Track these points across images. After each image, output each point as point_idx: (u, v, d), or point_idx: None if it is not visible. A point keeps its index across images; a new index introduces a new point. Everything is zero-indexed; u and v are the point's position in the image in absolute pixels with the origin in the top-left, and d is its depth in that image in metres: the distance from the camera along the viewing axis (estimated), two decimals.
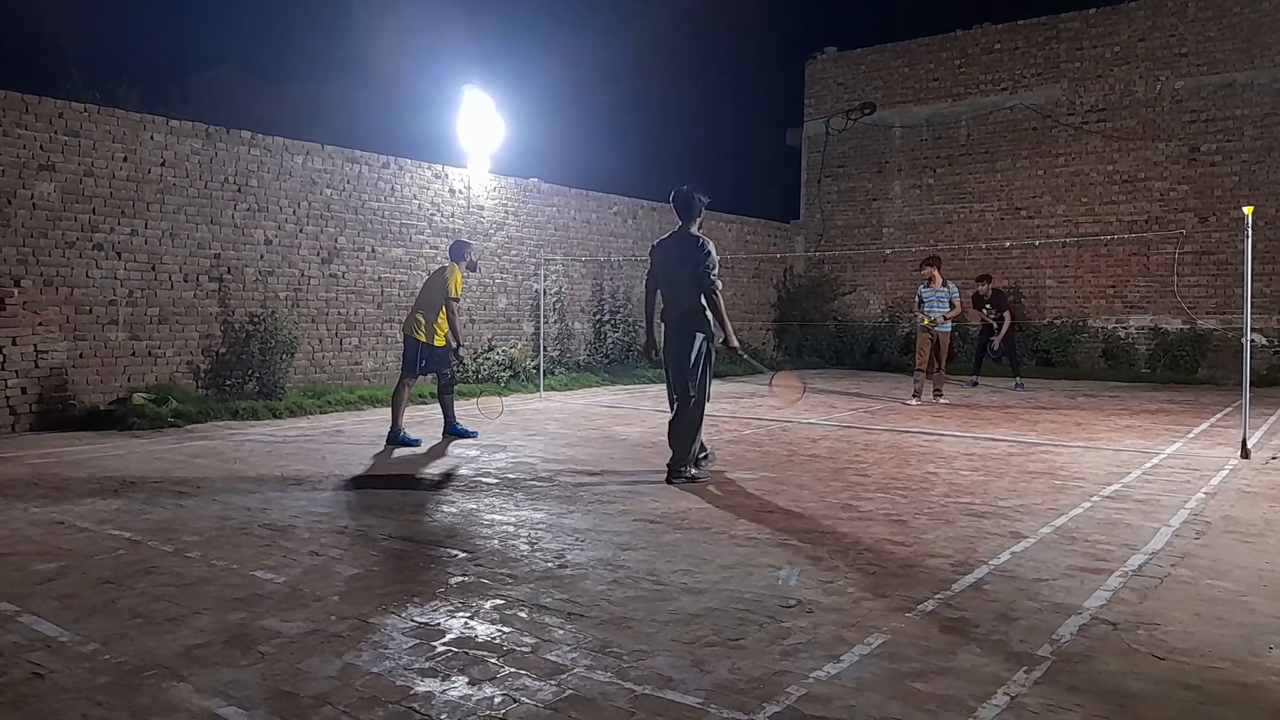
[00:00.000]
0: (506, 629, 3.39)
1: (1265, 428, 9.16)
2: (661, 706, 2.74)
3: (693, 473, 6.36)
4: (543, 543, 4.64)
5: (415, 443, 7.96)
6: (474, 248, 9.85)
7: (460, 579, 4.02)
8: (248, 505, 5.47)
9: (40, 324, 8.88)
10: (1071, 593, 3.84)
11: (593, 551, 4.47)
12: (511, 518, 5.20)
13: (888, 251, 18.92)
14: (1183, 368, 15.50)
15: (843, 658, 3.11)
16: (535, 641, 3.26)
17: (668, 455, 6.58)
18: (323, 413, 10.18)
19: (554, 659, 3.10)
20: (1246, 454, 7.29)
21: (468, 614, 3.55)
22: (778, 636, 3.31)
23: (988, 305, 14.15)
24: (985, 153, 18.10)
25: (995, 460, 7.28)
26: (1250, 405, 7.71)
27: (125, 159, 9.59)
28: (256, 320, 10.42)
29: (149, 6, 36.72)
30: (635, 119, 33.01)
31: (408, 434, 8.05)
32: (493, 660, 3.09)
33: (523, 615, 3.54)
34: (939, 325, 11.65)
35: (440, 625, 3.42)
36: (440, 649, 3.19)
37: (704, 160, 31.80)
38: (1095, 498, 5.81)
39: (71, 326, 9.16)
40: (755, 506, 5.52)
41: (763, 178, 27.51)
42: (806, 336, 18.97)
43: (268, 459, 7.16)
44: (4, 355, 8.58)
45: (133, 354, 9.66)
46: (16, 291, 8.71)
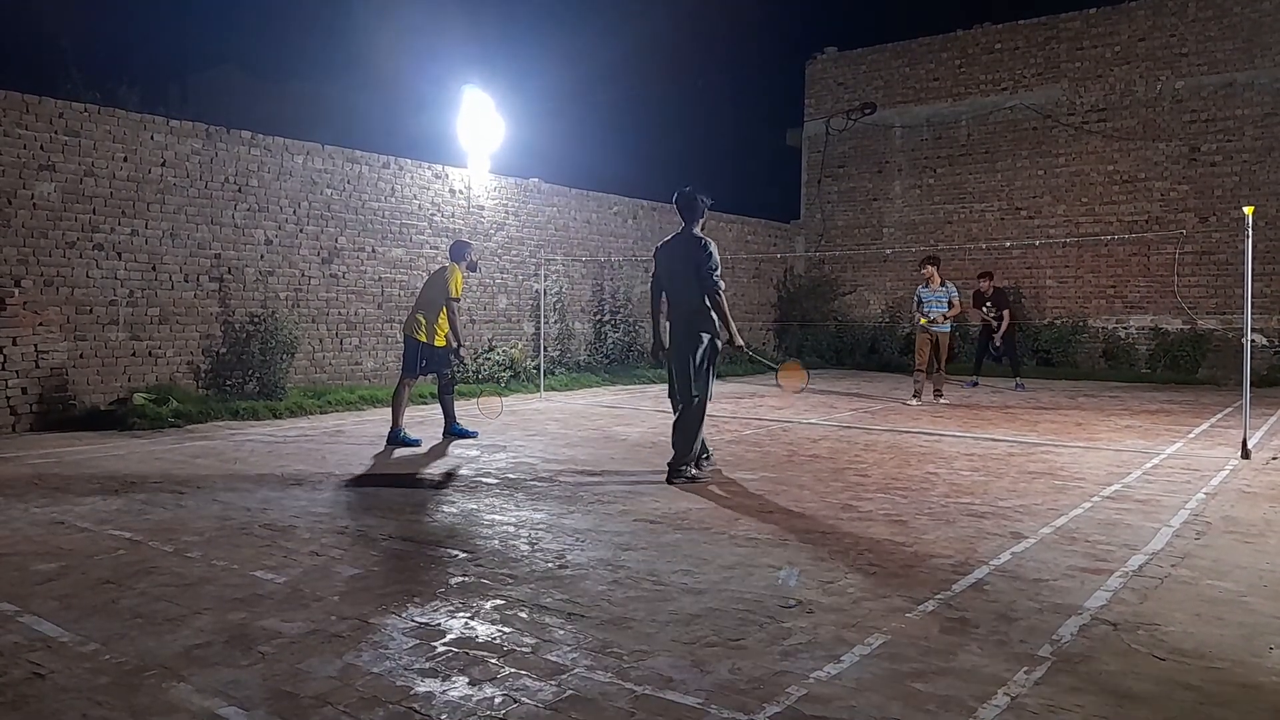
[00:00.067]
0: (507, 629, 3.39)
1: (1265, 428, 9.16)
2: (662, 707, 2.74)
3: (693, 473, 6.36)
4: (543, 543, 4.64)
5: (416, 443, 7.96)
6: (474, 248, 9.85)
7: (461, 579, 4.03)
8: (248, 505, 5.47)
9: (41, 324, 8.88)
10: (1072, 593, 3.84)
11: (593, 552, 4.47)
12: (512, 518, 5.21)
13: (888, 252, 18.92)
14: (1183, 368, 15.50)
15: (843, 658, 3.12)
16: (536, 642, 3.26)
17: (667, 456, 6.59)
18: (323, 413, 10.18)
19: (554, 659, 3.10)
20: (1247, 454, 7.29)
21: (468, 614, 3.55)
22: (778, 637, 3.31)
23: (988, 303, 14.12)
24: (985, 153, 18.10)
25: (995, 460, 7.28)
26: (1250, 405, 7.71)
27: (125, 159, 9.59)
28: (257, 320, 10.42)
29: (149, 6, 36.76)
30: (635, 119, 33.01)
31: (408, 434, 8.05)
32: (493, 660, 3.09)
33: (523, 615, 3.54)
34: (938, 325, 11.65)
35: (441, 625, 3.42)
36: (441, 649, 3.19)
37: (704, 160, 31.81)
38: (1095, 498, 5.81)
39: (72, 326, 9.16)
40: (756, 507, 5.52)
41: (763, 178, 27.52)
42: (807, 337, 18.97)
43: (268, 459, 7.17)
44: (4, 355, 8.58)
45: (133, 354, 9.66)
46: (17, 291, 8.72)
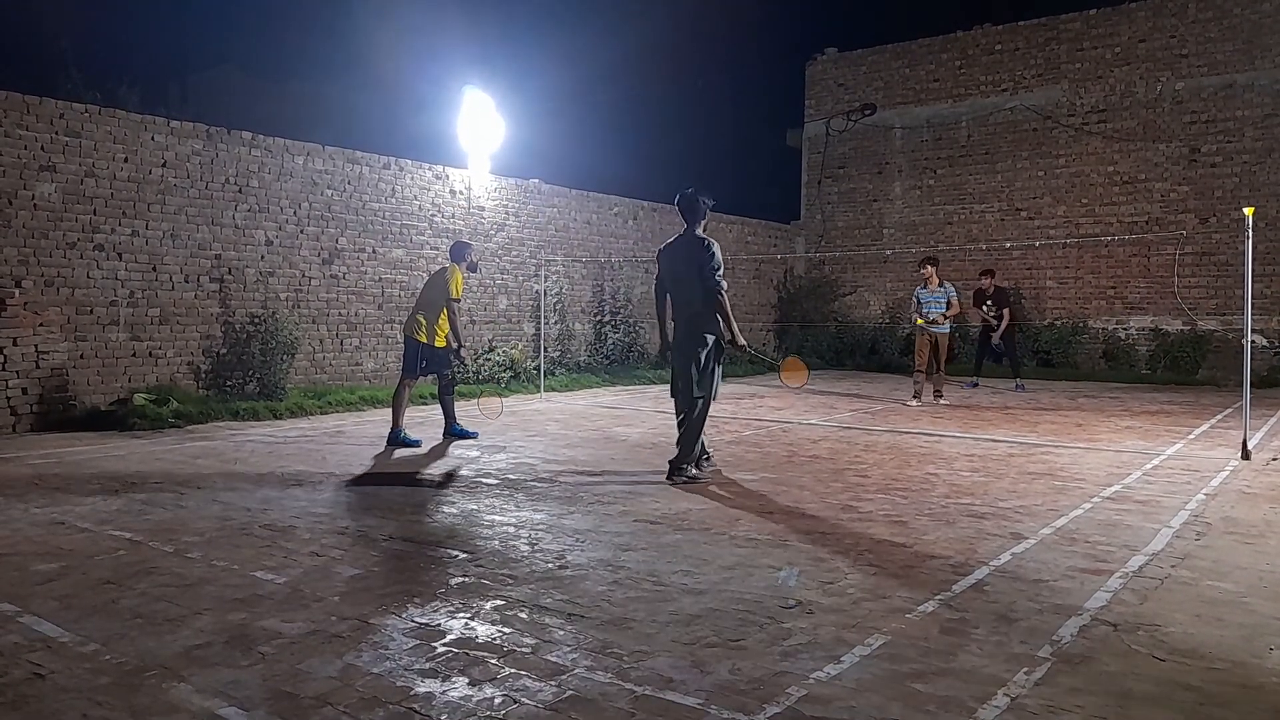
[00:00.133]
0: (507, 630, 3.39)
1: (1266, 429, 9.16)
2: (662, 707, 2.74)
3: (693, 472, 6.36)
4: (543, 543, 4.64)
5: (416, 443, 7.96)
6: (474, 248, 9.86)
7: (461, 580, 4.03)
8: (248, 506, 5.48)
9: (41, 324, 8.88)
10: (1072, 594, 3.84)
11: (593, 552, 4.47)
12: (512, 518, 5.21)
13: (888, 252, 18.92)
14: (1183, 369, 15.49)
15: (843, 659, 3.12)
16: (536, 642, 3.26)
17: (667, 456, 6.59)
18: (323, 413, 10.18)
19: (554, 660, 3.10)
20: (1247, 455, 7.29)
21: (468, 615, 3.55)
22: (778, 637, 3.32)
23: (989, 301, 14.09)
24: (986, 154, 18.10)
25: (995, 461, 7.28)
26: (1251, 406, 7.71)
27: (126, 160, 9.60)
28: (257, 321, 10.42)
29: (149, 6, 36.78)
30: (635, 119, 33.04)
31: (408, 435, 8.06)
32: (493, 661, 3.09)
33: (523, 616, 3.54)
34: (937, 326, 11.64)
35: (441, 626, 3.42)
36: (441, 650, 3.19)
37: (704, 161, 31.84)
38: (1096, 499, 5.81)
39: (72, 327, 9.16)
40: (756, 507, 5.52)
41: (763, 178, 27.54)
42: (807, 337, 18.95)
43: (268, 460, 7.17)
44: (5, 356, 8.58)
45: (133, 354, 9.67)
46: (18, 292, 8.72)
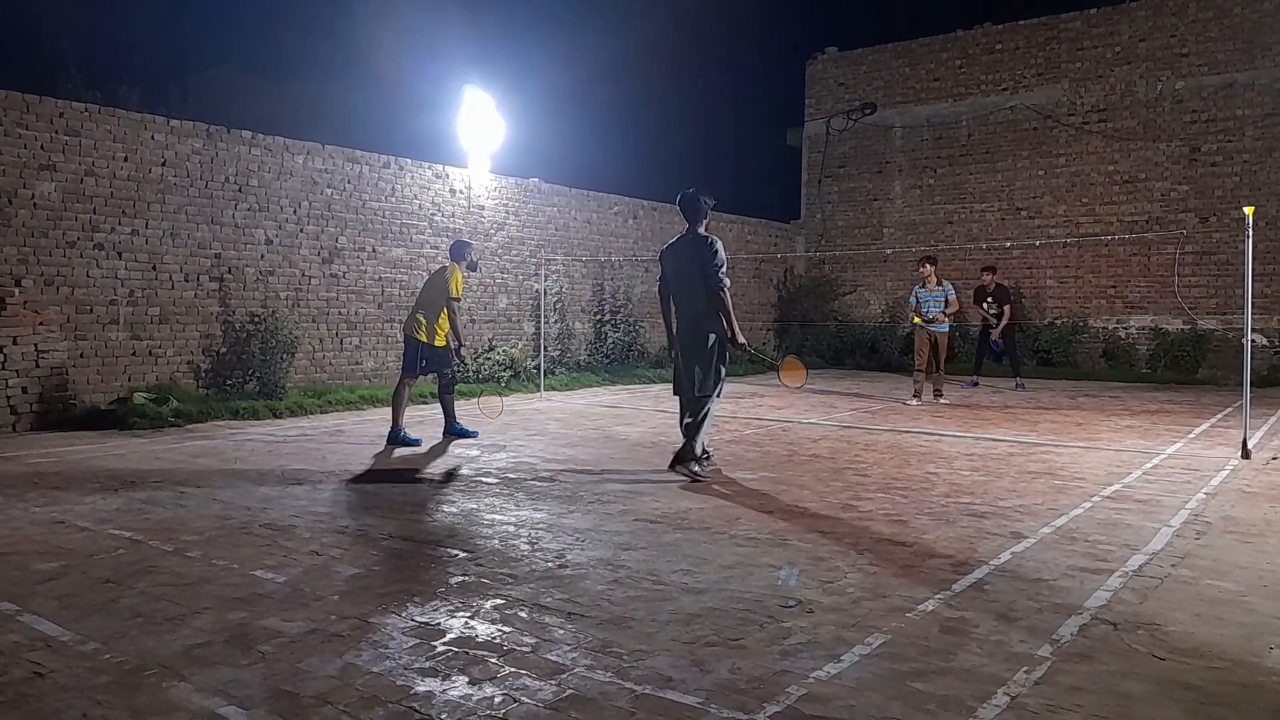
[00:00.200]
0: (507, 629, 3.39)
1: (1266, 428, 9.16)
2: (662, 706, 2.74)
3: (695, 469, 6.36)
4: (543, 542, 4.64)
5: (416, 442, 7.96)
6: (474, 248, 9.85)
7: (461, 579, 4.02)
8: (248, 505, 5.48)
9: (41, 323, 8.88)
10: (1072, 593, 3.84)
11: (593, 551, 4.47)
12: (512, 517, 5.21)
13: (888, 252, 18.92)
14: (1183, 368, 15.50)
15: (843, 658, 3.12)
16: (535, 641, 3.26)
17: (668, 456, 6.59)
18: (323, 412, 10.18)
19: (554, 659, 3.10)
20: (1247, 454, 7.29)
21: (468, 614, 3.55)
22: (778, 636, 3.31)
23: (989, 298, 14.08)
24: (986, 153, 18.09)
25: (995, 460, 7.28)
26: (1251, 405, 7.71)
27: (126, 159, 9.60)
28: (257, 320, 10.42)
29: (149, 6, 36.79)
30: (635, 119, 33.06)
31: (408, 434, 8.06)
32: (493, 660, 3.09)
33: (523, 615, 3.54)
34: (937, 325, 11.63)
35: (440, 625, 3.42)
36: (440, 649, 3.19)
37: (704, 160, 31.84)
38: (1096, 498, 5.81)
39: (72, 326, 9.16)
40: (756, 507, 5.52)
41: (763, 178, 27.55)
42: (807, 337, 18.96)
43: (268, 458, 7.17)
44: (5, 355, 8.58)
45: (133, 354, 9.67)
46: (17, 291, 8.72)
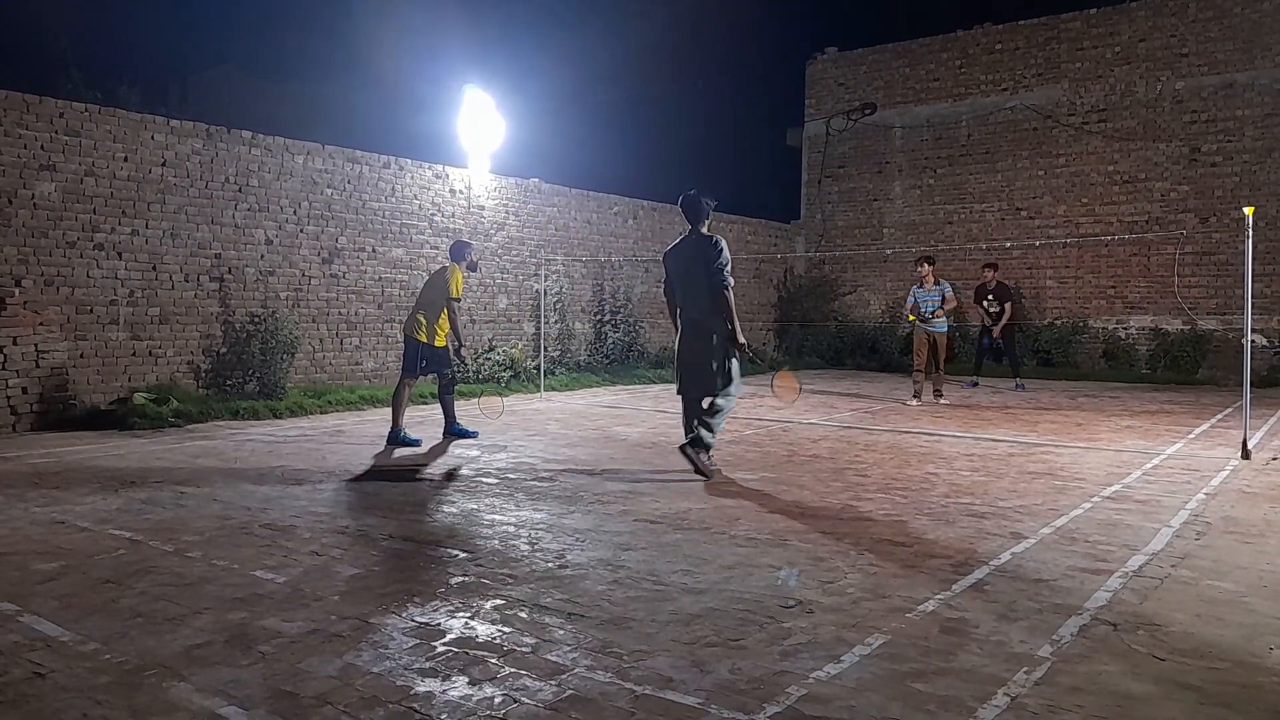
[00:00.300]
0: (507, 629, 3.39)
1: (1266, 428, 9.16)
2: (662, 707, 2.74)
3: (702, 459, 6.36)
4: (543, 543, 4.64)
5: (416, 443, 7.96)
6: (474, 248, 9.84)
7: (461, 579, 4.03)
8: (248, 505, 5.48)
9: (41, 324, 8.88)
10: (1072, 593, 3.84)
11: (593, 552, 4.47)
12: (512, 518, 5.21)
13: (888, 252, 18.92)
14: (1183, 368, 15.49)
15: (843, 658, 3.12)
16: (536, 642, 3.26)
17: (668, 456, 6.58)
18: (323, 413, 10.18)
19: (554, 659, 3.10)
20: (1247, 455, 7.29)
21: (468, 614, 3.55)
22: (778, 637, 3.31)
23: (990, 296, 14.05)
24: (986, 153, 18.10)
25: (995, 461, 7.28)
26: (1251, 406, 7.71)
27: (126, 159, 9.60)
28: (257, 320, 10.42)
29: (149, 6, 36.79)
30: (635, 119, 33.08)
31: (408, 434, 8.06)
32: (493, 660, 3.09)
33: (523, 615, 3.54)
34: (935, 322, 11.61)
35: (441, 625, 3.42)
36: (441, 649, 3.19)
37: (704, 160, 31.85)
38: (1096, 498, 5.81)
39: (72, 326, 9.16)
40: (756, 507, 5.52)
41: (763, 178, 27.57)
42: (807, 337, 18.97)
43: (268, 459, 7.17)
44: (5, 355, 8.58)
45: (133, 354, 9.67)
46: (17, 291, 8.72)
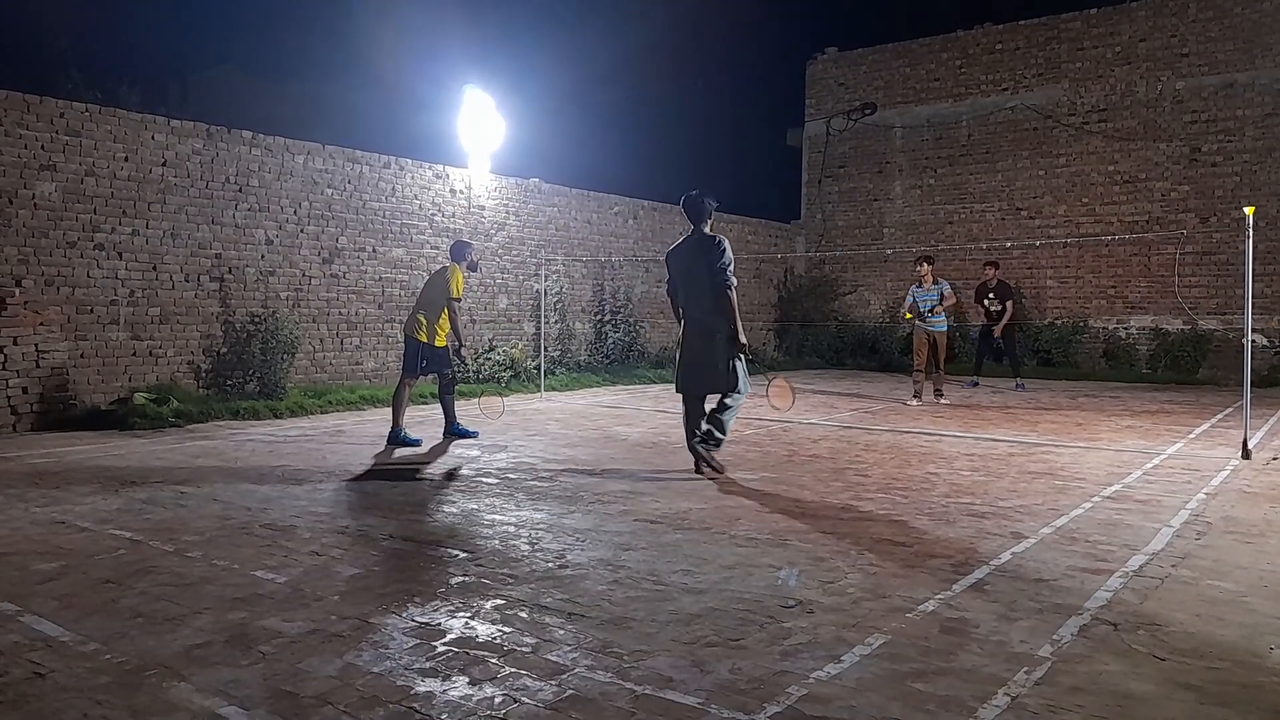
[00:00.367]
0: (507, 629, 3.39)
1: (1266, 428, 9.16)
2: (662, 707, 2.74)
3: (712, 454, 6.40)
4: (543, 543, 4.64)
5: (416, 443, 7.96)
6: (475, 248, 9.85)
7: (461, 579, 4.02)
8: (248, 505, 5.48)
9: (41, 324, 8.88)
10: (1072, 593, 3.83)
11: (593, 552, 4.47)
12: (512, 518, 5.21)
13: (888, 252, 18.92)
14: (1184, 368, 15.49)
15: (843, 658, 3.11)
16: (536, 641, 3.26)
17: (668, 456, 6.59)
18: (323, 413, 10.18)
19: (555, 659, 3.10)
20: (1247, 454, 7.29)
21: (468, 614, 3.55)
22: (778, 637, 3.31)
23: (991, 294, 14.03)
24: (986, 153, 18.09)
25: (996, 461, 7.28)
26: (1251, 406, 7.71)
27: (126, 159, 9.60)
28: (257, 320, 10.42)
29: (149, 6, 36.78)
30: (635, 119, 33.07)
31: (408, 434, 8.06)
32: (493, 660, 3.09)
33: (523, 615, 3.54)
34: (935, 321, 11.59)
35: (441, 625, 3.42)
36: (441, 649, 3.19)
37: (704, 160, 31.85)
38: (1096, 498, 5.81)
39: (73, 326, 9.16)
40: (756, 507, 5.52)
41: (763, 178, 27.57)
42: (807, 337, 18.97)
43: (268, 459, 7.17)
44: (5, 355, 8.58)
45: (134, 354, 9.67)
46: (18, 291, 8.72)
